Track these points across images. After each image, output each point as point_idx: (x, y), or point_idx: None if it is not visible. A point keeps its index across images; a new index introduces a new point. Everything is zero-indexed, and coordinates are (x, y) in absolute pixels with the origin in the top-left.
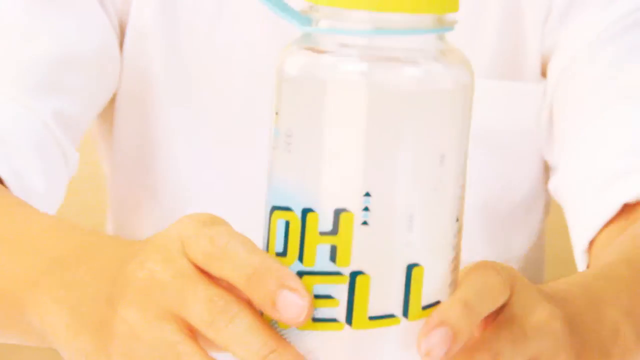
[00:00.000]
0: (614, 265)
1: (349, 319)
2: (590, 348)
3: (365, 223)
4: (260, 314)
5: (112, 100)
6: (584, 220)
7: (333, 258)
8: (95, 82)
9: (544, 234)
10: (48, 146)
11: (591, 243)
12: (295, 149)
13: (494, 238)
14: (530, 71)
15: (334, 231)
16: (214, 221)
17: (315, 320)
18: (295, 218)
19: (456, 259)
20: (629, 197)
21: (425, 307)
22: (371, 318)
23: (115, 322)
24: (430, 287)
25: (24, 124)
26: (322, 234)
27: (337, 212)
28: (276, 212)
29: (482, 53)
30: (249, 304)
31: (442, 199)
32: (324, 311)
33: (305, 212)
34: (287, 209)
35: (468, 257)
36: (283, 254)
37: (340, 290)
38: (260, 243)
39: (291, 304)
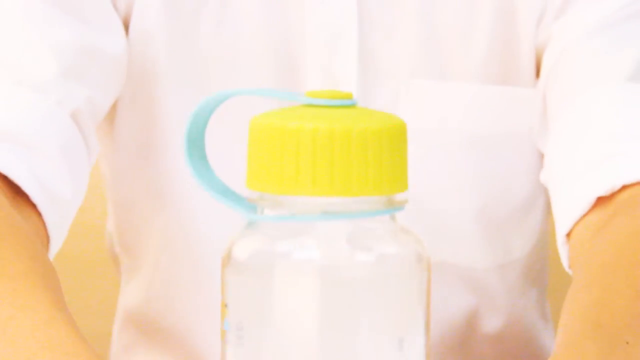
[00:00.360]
0: (580, 337)
1: None
2: None
3: None
4: None
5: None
6: (561, 213)
7: None
8: (113, 79)
9: (546, 235)
10: (74, 144)
11: (570, 235)
12: (247, 343)
13: (493, 242)
14: (524, 75)
15: None
16: None
17: None
18: None
19: None
20: (602, 191)
21: None
22: None
23: None
24: None
25: (52, 122)
26: None
27: None
28: None
29: (474, 57)
30: None
31: None
32: None
33: None
34: None
35: (469, 263)
36: None
37: None
38: None
39: None
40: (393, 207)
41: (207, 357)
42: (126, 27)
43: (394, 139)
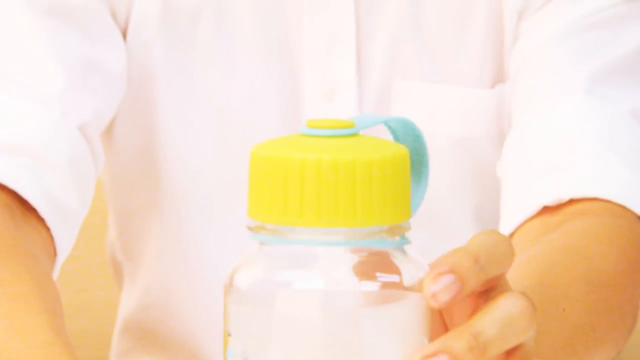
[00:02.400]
0: (523, 289)
1: None
2: None
3: None
4: None
5: None
6: (506, 214)
7: None
8: (116, 92)
9: None
10: (82, 157)
11: (512, 236)
12: None
13: None
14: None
15: None
16: None
17: None
18: None
19: None
20: (549, 200)
21: None
22: None
23: None
24: None
25: (60, 135)
26: None
27: None
28: None
29: (468, 60)
30: None
31: None
32: None
33: None
34: None
35: None
36: None
37: None
38: None
39: None
40: (397, 234)
41: None
42: (123, 37)
43: (397, 167)
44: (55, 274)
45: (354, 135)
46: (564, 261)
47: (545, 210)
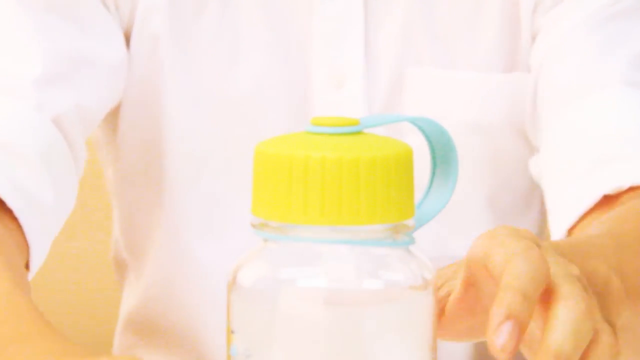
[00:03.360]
0: (598, 237)
1: None
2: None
3: None
4: None
5: (117, 107)
6: (562, 208)
7: None
8: (109, 87)
9: (544, 226)
10: (57, 151)
11: (572, 230)
12: None
13: None
14: (525, 61)
15: None
16: None
17: None
18: None
19: None
20: (609, 189)
21: None
22: None
23: None
24: None
25: (31, 127)
26: None
27: None
28: None
29: (481, 46)
30: None
31: None
32: None
33: None
34: None
35: None
36: None
37: None
38: None
39: None
40: (401, 232)
41: (208, 356)
42: (129, 33)
43: (401, 165)
44: (34, 267)
45: (359, 133)
46: (634, 220)
47: (605, 201)
